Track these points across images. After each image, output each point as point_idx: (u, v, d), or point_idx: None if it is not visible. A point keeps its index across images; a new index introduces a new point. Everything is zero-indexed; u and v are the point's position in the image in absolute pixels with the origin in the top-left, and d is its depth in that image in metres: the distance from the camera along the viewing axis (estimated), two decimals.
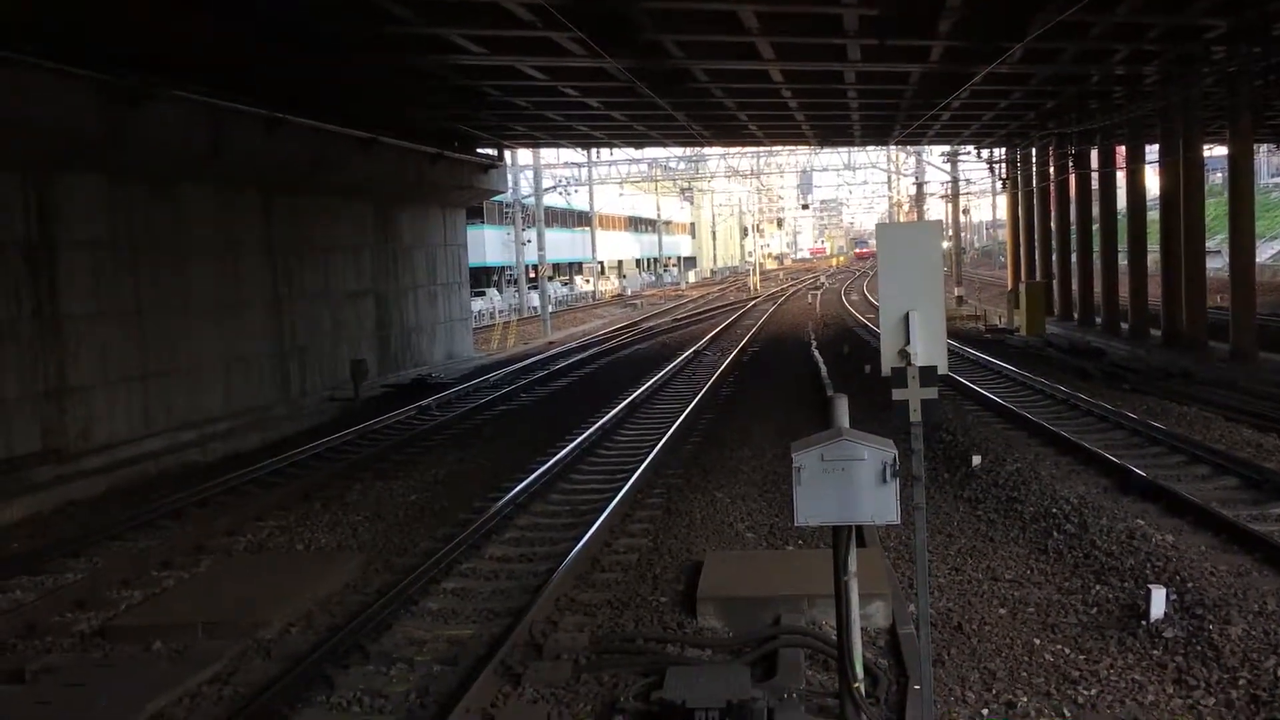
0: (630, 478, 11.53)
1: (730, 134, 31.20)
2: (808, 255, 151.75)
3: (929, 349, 5.12)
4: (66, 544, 10.18)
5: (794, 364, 23.52)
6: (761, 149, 54.34)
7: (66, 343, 14.39)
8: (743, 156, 60.40)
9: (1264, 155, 59.12)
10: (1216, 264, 31.84)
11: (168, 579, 9.12)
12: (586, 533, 9.34)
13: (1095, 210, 29.07)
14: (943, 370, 5.18)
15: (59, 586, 8.98)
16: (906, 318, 5.09)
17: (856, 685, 5.60)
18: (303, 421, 17.61)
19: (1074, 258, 31.17)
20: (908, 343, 5.08)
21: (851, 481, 5.30)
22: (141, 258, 15.90)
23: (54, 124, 13.34)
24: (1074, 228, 30.93)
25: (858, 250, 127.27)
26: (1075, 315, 30.23)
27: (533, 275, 43.04)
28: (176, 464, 14.53)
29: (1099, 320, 28.04)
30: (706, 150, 54.56)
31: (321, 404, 19.42)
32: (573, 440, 14.06)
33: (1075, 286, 30.52)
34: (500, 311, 40.81)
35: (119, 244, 15.45)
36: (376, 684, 6.57)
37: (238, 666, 6.91)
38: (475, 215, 39.04)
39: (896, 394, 5.18)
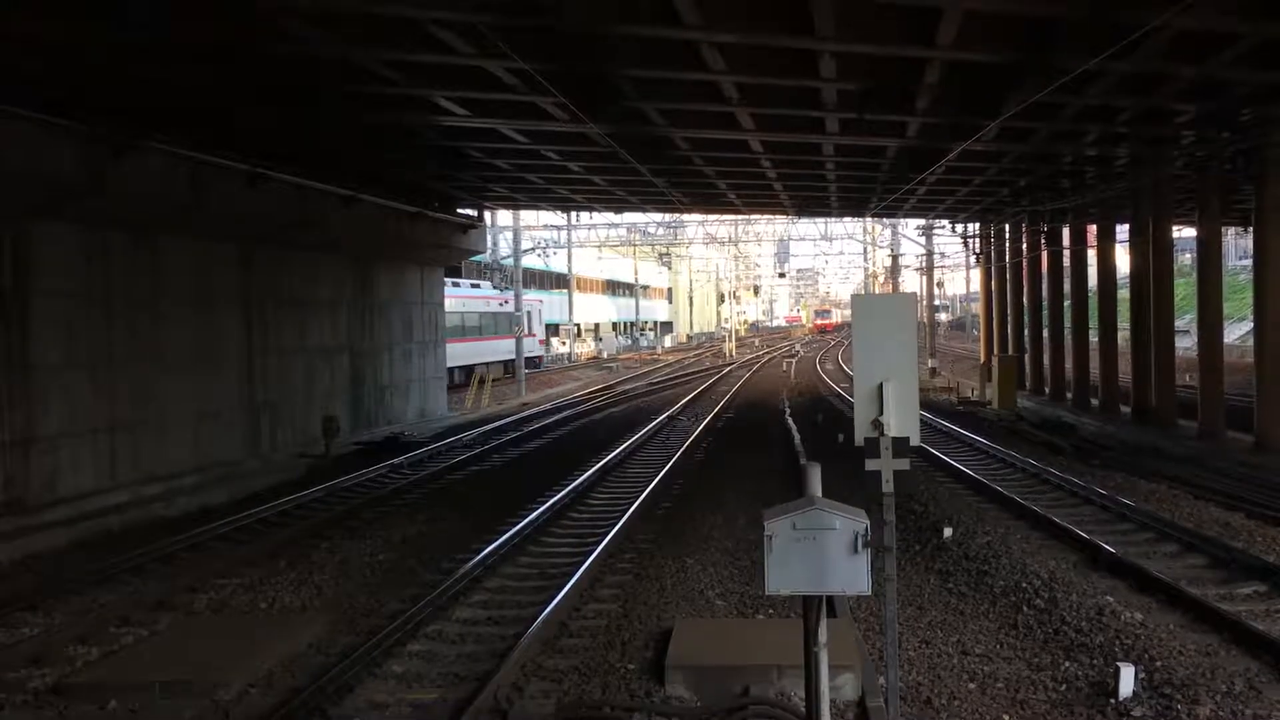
0: (601, 542, 11.45)
1: (709, 202, 31.50)
2: (784, 323, 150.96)
3: (902, 420, 5.15)
4: (24, 597, 9.98)
5: (768, 431, 23.53)
6: (740, 217, 54.86)
7: (35, 392, 14.23)
8: (721, 224, 60.95)
9: (1232, 238, 60.18)
10: (1186, 343, 32.21)
11: (126, 636, 8.95)
12: (555, 597, 9.26)
13: (1066, 287, 29.45)
14: (915, 441, 5.20)
15: (14, 641, 8.80)
16: (880, 388, 5.12)
17: None
18: (272, 477, 17.42)
19: (1045, 333, 31.50)
20: (881, 413, 5.10)
21: (823, 551, 5.28)
22: (116, 308, 15.81)
23: (32, 173, 13.32)
24: (1045, 303, 31.29)
25: (816, 322, 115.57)
26: (1046, 390, 30.47)
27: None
28: (141, 518, 14.32)
29: (1070, 395, 28.26)
30: (685, 216, 55.02)
31: (292, 460, 19.23)
32: (545, 502, 13.97)
33: (1047, 361, 30.80)
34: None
35: (93, 294, 15.37)
36: None
37: None
38: (453, 274, 39.03)
39: (870, 464, 5.19)
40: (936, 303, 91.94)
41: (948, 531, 11.98)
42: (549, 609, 8.89)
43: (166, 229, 16.80)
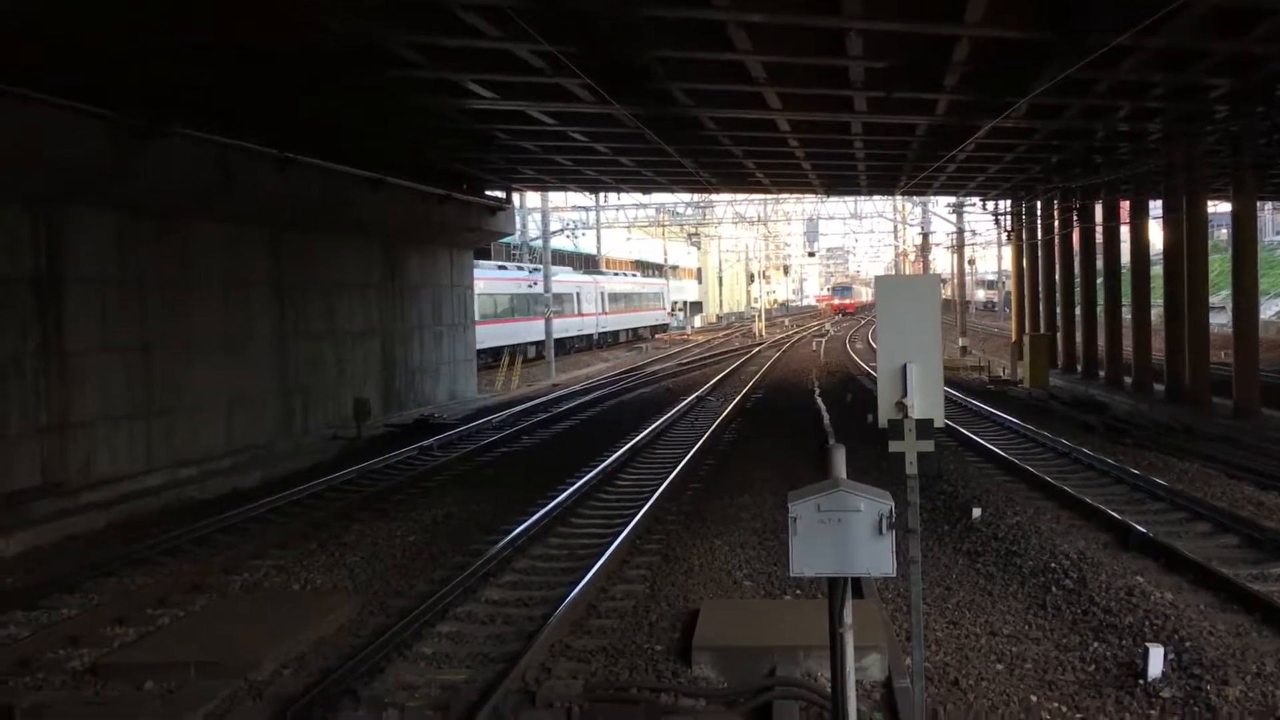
0: (629, 523, 11.50)
1: (737, 181, 31.36)
2: (814, 302, 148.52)
3: (926, 401, 5.14)
4: (63, 579, 10.15)
5: (797, 412, 23.49)
6: (768, 196, 54.62)
7: (71, 378, 14.43)
8: (750, 203, 60.69)
9: (1268, 213, 59.35)
10: (1220, 319, 31.84)
11: (162, 617, 9.09)
12: (584, 578, 9.31)
13: (1099, 263, 29.15)
14: (939, 423, 5.19)
15: (53, 622, 8.96)
16: (904, 370, 5.11)
17: None
18: (304, 459, 17.59)
19: (1078, 311, 31.22)
20: (905, 395, 5.09)
21: (848, 533, 5.29)
22: (148, 294, 15.99)
23: (65, 161, 13.48)
24: (1078, 281, 30.99)
25: (835, 302, 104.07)
26: (1079, 368, 30.21)
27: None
28: (176, 500, 14.52)
29: (1102, 374, 28.02)
30: (714, 196, 54.82)
31: (324, 442, 19.41)
32: (573, 484, 14.03)
33: (1079, 339, 30.54)
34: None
35: (126, 279, 15.55)
36: None
37: (229, 708, 6.88)
38: (482, 257, 39.14)
39: (893, 446, 5.19)
40: (987, 278, 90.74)
41: (977, 512, 11.94)
42: (577, 590, 8.95)
43: (196, 214, 16.95)
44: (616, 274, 62.66)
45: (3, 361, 13.42)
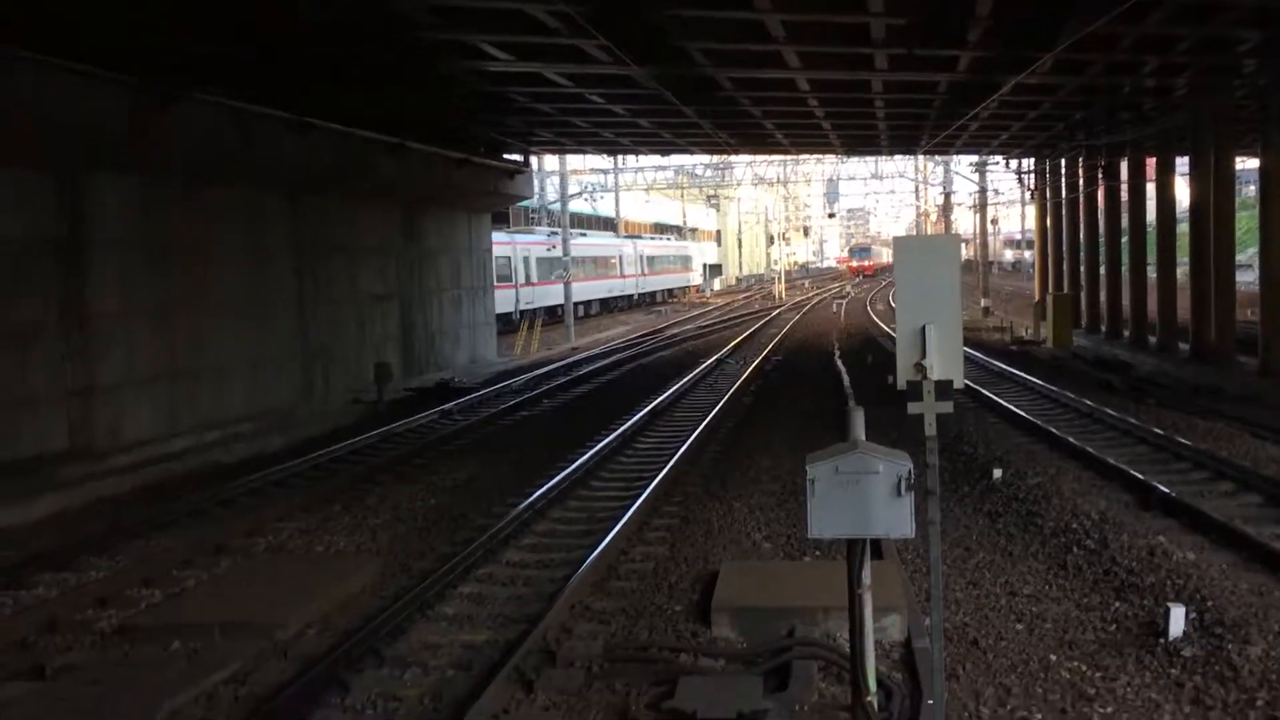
0: (649, 485, 11.53)
1: (757, 142, 31.18)
2: (834, 264, 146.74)
3: (945, 363, 5.11)
4: (91, 542, 10.28)
5: (817, 374, 23.45)
6: (788, 157, 54.24)
7: (95, 342, 14.55)
8: (769, 164, 60.30)
9: None
10: (1247, 278, 31.54)
11: (188, 579, 9.19)
12: (603, 540, 9.36)
13: (1124, 222, 28.86)
14: (959, 384, 5.16)
15: (82, 583, 9.08)
16: (923, 331, 5.08)
17: (869, 699, 5.58)
18: (326, 424, 17.70)
19: (1102, 270, 30.96)
20: (924, 356, 5.07)
21: (866, 494, 5.29)
22: (169, 258, 16.07)
23: (86, 126, 13.51)
24: (1102, 239, 30.71)
25: (852, 264, 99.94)
26: (1103, 328, 30.02)
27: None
28: (201, 464, 14.64)
29: (1126, 333, 27.82)
30: (733, 158, 54.51)
31: (345, 406, 19.53)
32: (592, 447, 14.07)
33: (1103, 298, 30.30)
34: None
35: (148, 245, 15.62)
36: (390, 688, 6.60)
37: (254, 667, 6.96)
38: (500, 220, 39.09)
39: (912, 408, 5.17)
40: (1015, 237, 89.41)
41: (997, 473, 11.92)
42: (597, 552, 8.99)
43: (217, 179, 16.98)
44: (653, 238, 67.37)
45: (29, 326, 13.54)
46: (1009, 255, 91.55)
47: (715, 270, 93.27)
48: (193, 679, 6.68)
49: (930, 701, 5.70)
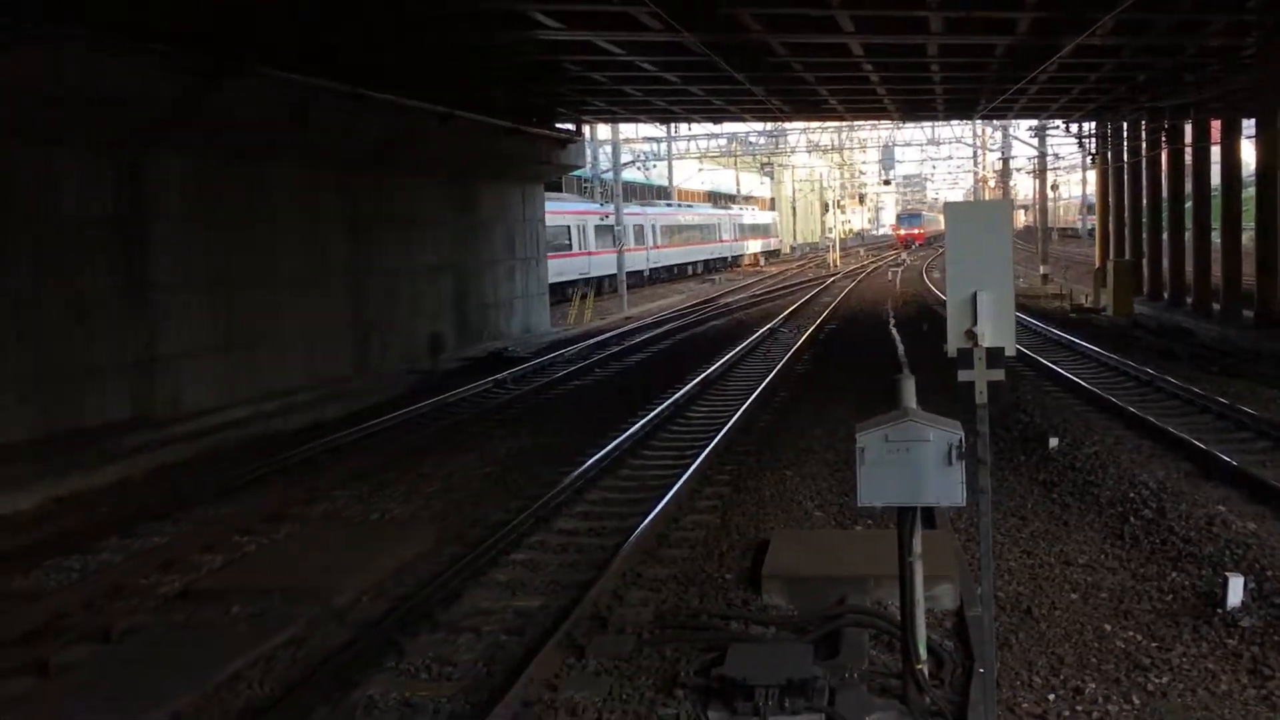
0: (701, 454, 11.55)
1: (810, 109, 30.81)
2: (889, 231, 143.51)
3: (997, 330, 5.04)
4: (154, 509, 10.52)
5: (871, 342, 23.27)
6: (843, 124, 53.61)
7: (155, 314, 14.83)
8: (824, 131, 59.64)
9: None
10: None
11: (248, 545, 9.38)
12: (655, 508, 9.40)
13: (1188, 186, 28.18)
14: (1010, 352, 5.10)
15: (146, 549, 9.30)
16: (974, 298, 5.02)
17: (920, 666, 5.57)
18: (381, 393, 17.90)
19: (1165, 235, 30.29)
20: (975, 323, 5.01)
21: (916, 463, 5.26)
22: (226, 232, 16.30)
23: (142, 102, 13.71)
24: (1165, 204, 30.03)
25: (900, 232, 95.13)
26: (1165, 295, 29.41)
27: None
28: (260, 432, 14.88)
29: (1189, 300, 27.24)
30: (787, 125, 53.99)
31: (399, 376, 19.73)
32: (645, 416, 14.10)
33: (1166, 265, 29.68)
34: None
35: (205, 218, 15.86)
36: (444, 652, 6.70)
37: (312, 632, 7.10)
38: (553, 190, 39.21)
39: (962, 375, 5.12)
40: (1090, 201, 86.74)
41: (1054, 441, 11.77)
42: (648, 520, 9.04)
43: (271, 152, 17.16)
44: (742, 209, 75.62)
45: (92, 298, 13.83)
46: (1089, 222, 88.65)
47: None
48: (253, 642, 6.84)
49: (981, 670, 5.68)
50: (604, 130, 43.67)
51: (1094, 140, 37.69)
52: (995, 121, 47.50)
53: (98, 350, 13.90)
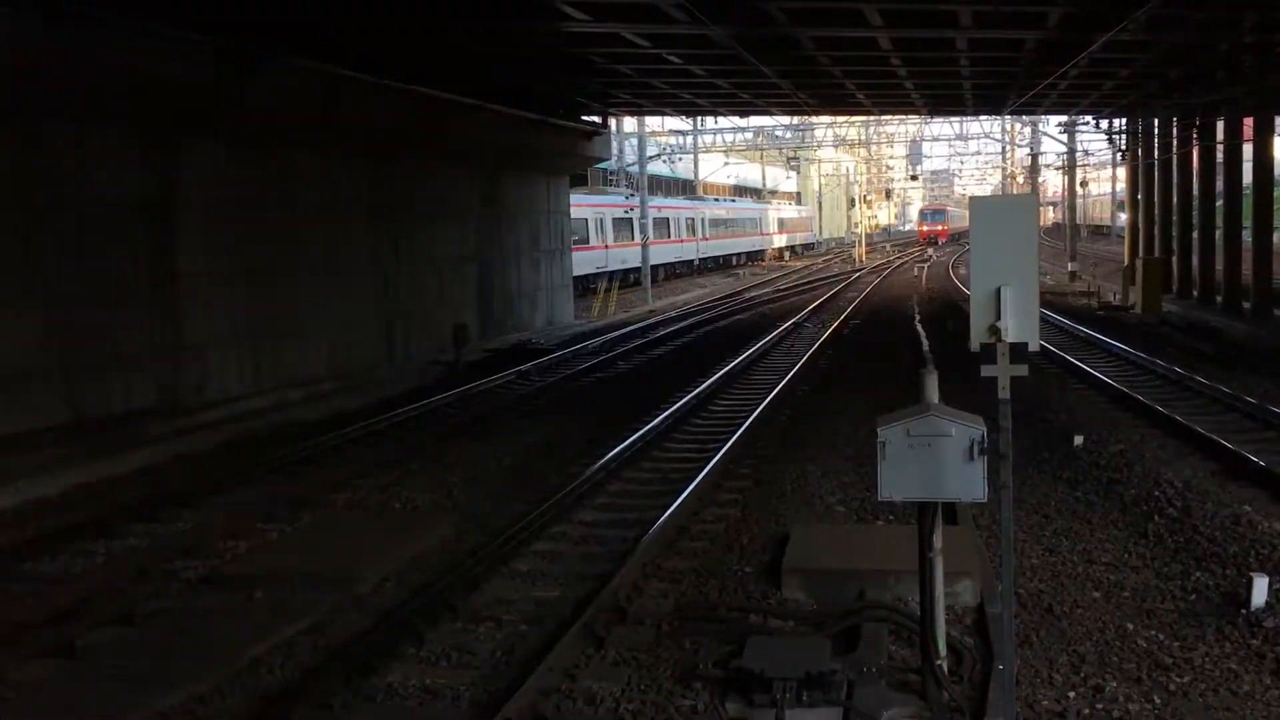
0: (722, 448, 11.54)
1: (837, 103, 30.68)
2: (915, 227, 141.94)
3: (1021, 325, 5.01)
4: (179, 495, 10.61)
5: (896, 338, 23.17)
6: (870, 118, 53.35)
7: (183, 301, 14.94)
8: (850, 125, 59.38)
9: None
10: None
11: (271, 532, 9.46)
12: (675, 501, 9.40)
13: (1219, 184, 27.88)
14: (1034, 348, 5.06)
15: (171, 535, 9.39)
16: (998, 293, 4.99)
17: (939, 662, 5.55)
18: (405, 383, 17.98)
19: (1195, 233, 29.99)
20: (999, 318, 4.98)
21: (937, 458, 5.24)
22: (254, 221, 16.40)
23: (175, 89, 13.80)
24: (1196, 202, 29.71)
25: (923, 227, 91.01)
26: (1195, 293, 29.12)
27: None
28: (284, 421, 14.98)
29: (1219, 299, 26.97)
30: (813, 119, 53.79)
31: (424, 367, 19.80)
32: (668, 409, 14.10)
33: (1195, 263, 29.37)
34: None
35: (234, 207, 15.96)
36: (464, 641, 6.74)
37: (332, 618, 7.15)
38: (578, 182, 39.18)
39: (985, 370, 5.09)
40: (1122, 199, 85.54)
41: (1078, 439, 11.69)
42: (669, 512, 9.04)
43: (300, 142, 17.25)
44: (779, 204, 79.73)
45: (120, 285, 13.94)
46: (1121, 220, 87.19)
47: None
48: (274, 628, 6.90)
49: (1001, 666, 5.65)
50: (630, 123, 43.66)
51: (1124, 137, 37.34)
52: (1025, 116, 47.08)
53: (125, 337, 14.01)
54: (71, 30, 11.90)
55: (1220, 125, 27.12)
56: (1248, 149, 26.43)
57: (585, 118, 28.08)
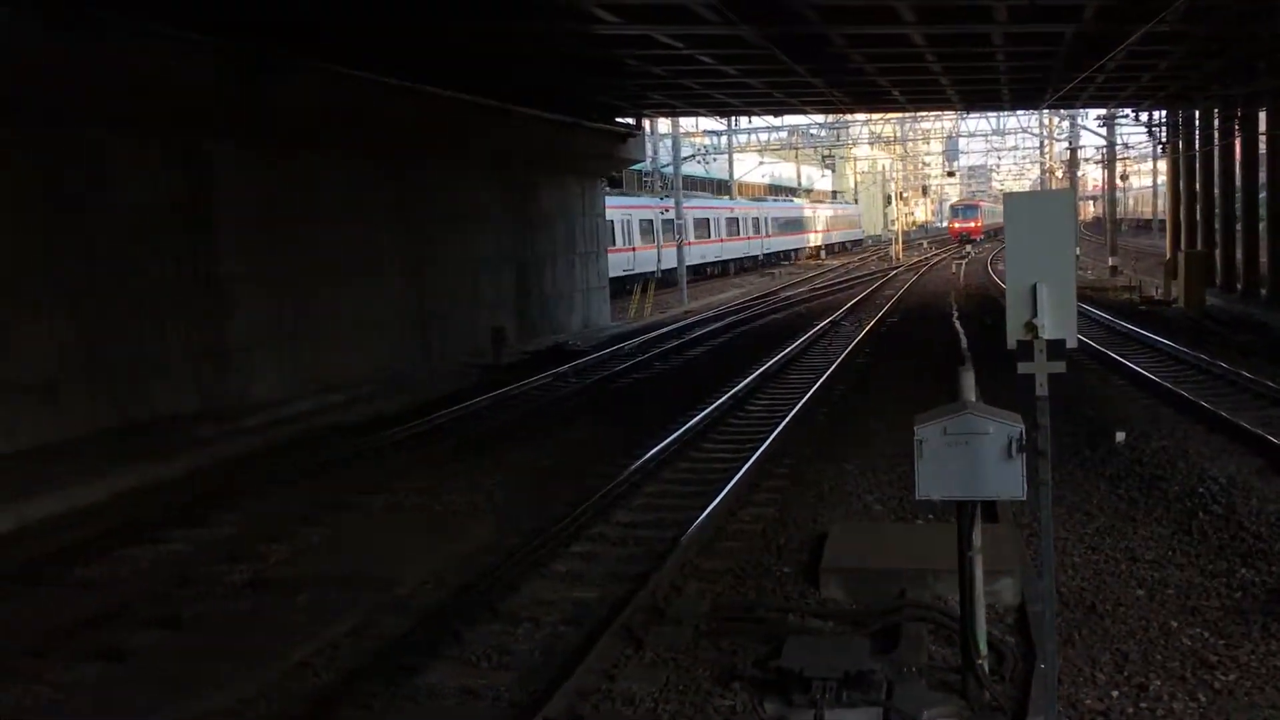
0: (759, 448, 11.52)
1: (871, 100, 30.54)
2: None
3: (1057, 321, 4.98)
4: (222, 499, 10.74)
5: (934, 335, 23.01)
6: (905, 115, 53.03)
7: (224, 305, 15.14)
8: (885, 122, 59.06)
9: None
10: None
11: (313, 535, 9.54)
12: (713, 501, 9.40)
13: (1262, 176, 27.45)
14: (1071, 344, 5.03)
15: (215, 539, 9.50)
16: (1034, 290, 4.96)
17: (980, 661, 5.53)
18: (443, 386, 18.06)
19: (1238, 226, 29.55)
20: (1035, 315, 4.95)
21: (975, 456, 5.22)
22: (291, 225, 16.59)
23: (213, 93, 13.98)
24: (1238, 194, 29.29)
25: (955, 224, 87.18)
26: (1238, 287, 28.70)
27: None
28: (324, 424, 15.08)
29: (1264, 292, 26.56)
30: (848, 116, 53.53)
31: (461, 369, 19.90)
32: (704, 409, 14.10)
33: (1239, 256, 28.94)
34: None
35: (270, 211, 16.16)
36: (503, 641, 6.78)
37: (374, 620, 7.21)
38: (614, 185, 39.26)
39: (1022, 367, 5.06)
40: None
41: (1120, 436, 11.55)
42: (706, 513, 9.04)
43: (332, 146, 17.42)
44: (825, 203, 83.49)
45: (160, 290, 14.13)
46: (1162, 213, 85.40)
47: None
48: (317, 630, 6.97)
49: (1043, 665, 5.61)
50: (664, 124, 43.66)
51: (1164, 129, 36.87)
52: (1062, 110, 46.61)
53: (167, 342, 14.21)
54: (104, 36, 12.07)
55: (1262, 116, 26.71)
56: None
57: (619, 119, 28.13)
